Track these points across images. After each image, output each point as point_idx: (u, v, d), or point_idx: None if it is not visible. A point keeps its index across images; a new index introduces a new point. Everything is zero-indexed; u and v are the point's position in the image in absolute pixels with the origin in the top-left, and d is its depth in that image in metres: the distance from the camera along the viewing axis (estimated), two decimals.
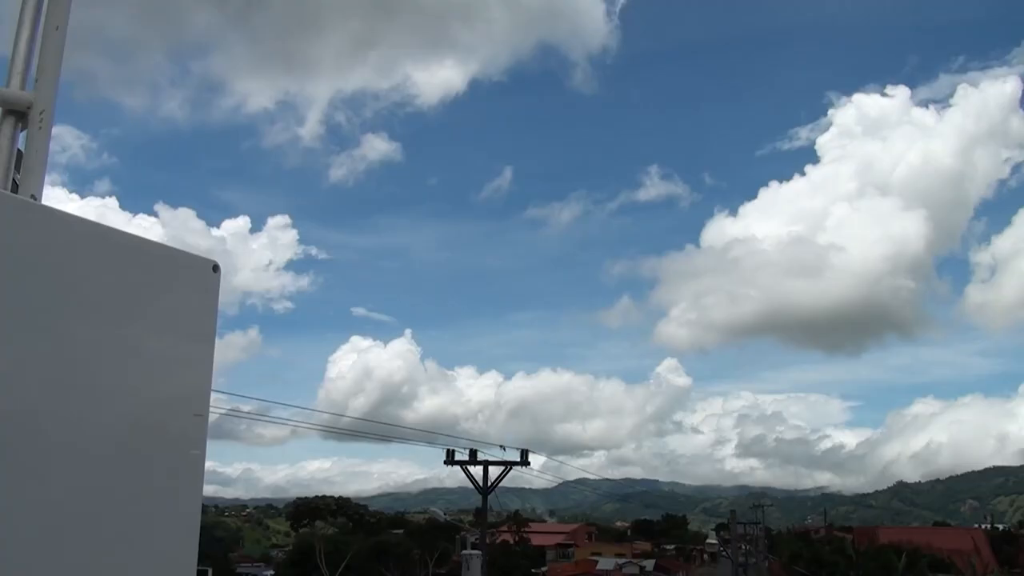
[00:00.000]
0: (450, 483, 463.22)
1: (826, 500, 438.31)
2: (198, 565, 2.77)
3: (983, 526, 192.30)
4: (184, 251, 2.85)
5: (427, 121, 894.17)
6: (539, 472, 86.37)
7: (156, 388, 2.69)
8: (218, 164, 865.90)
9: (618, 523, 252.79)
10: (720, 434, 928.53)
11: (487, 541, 50.31)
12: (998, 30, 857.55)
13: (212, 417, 3.08)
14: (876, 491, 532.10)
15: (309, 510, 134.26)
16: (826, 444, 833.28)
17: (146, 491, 2.62)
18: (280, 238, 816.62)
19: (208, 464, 2.86)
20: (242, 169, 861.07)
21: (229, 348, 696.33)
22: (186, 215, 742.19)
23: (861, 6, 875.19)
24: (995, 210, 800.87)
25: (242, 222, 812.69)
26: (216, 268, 2.91)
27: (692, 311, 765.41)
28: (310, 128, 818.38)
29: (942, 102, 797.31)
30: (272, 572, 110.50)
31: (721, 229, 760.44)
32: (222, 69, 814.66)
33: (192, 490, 2.77)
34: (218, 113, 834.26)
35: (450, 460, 43.31)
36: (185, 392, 2.78)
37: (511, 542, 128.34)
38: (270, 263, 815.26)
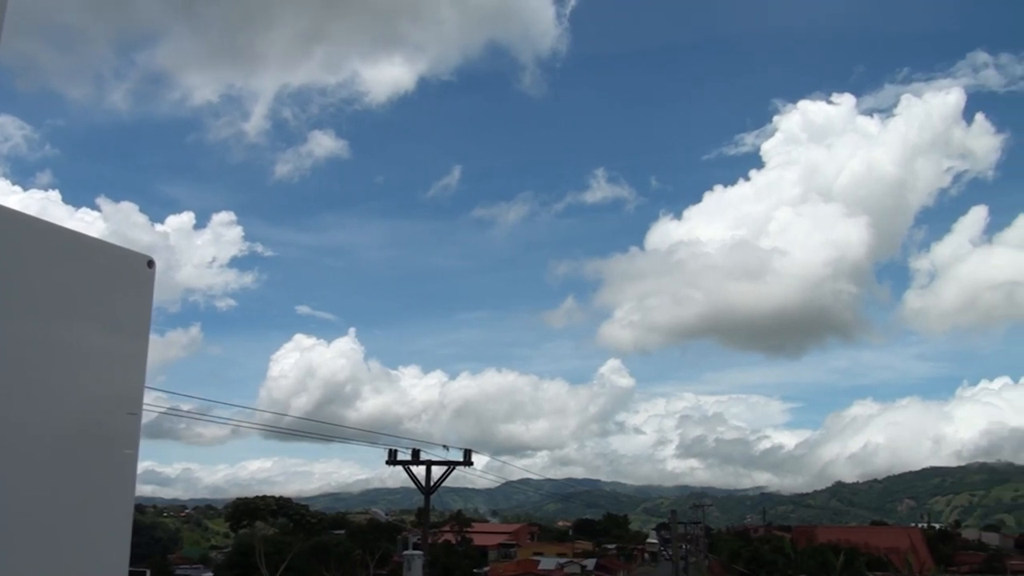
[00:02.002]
0: (392, 483, 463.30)
1: (765, 500, 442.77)
2: (137, 567, 2.71)
3: (920, 525, 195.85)
4: (118, 246, 2.78)
5: (375, 119, 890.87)
6: (482, 472, 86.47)
7: (88, 386, 2.62)
8: (162, 158, 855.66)
9: (560, 523, 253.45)
10: (662, 435, 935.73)
11: (429, 541, 50.23)
12: (943, 43, 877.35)
13: (150, 416, 3.03)
14: (815, 491, 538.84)
15: (249, 510, 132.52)
16: (766, 444, 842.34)
17: (77, 491, 2.56)
18: (224, 235, 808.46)
19: (147, 464, 2.80)
20: (187, 164, 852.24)
21: (170, 346, 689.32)
22: (129, 209, 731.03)
23: (809, 16, 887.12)
24: (935, 218, 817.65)
25: (186, 218, 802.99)
26: (151, 264, 2.85)
27: (636, 313, 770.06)
28: (256, 123, 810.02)
29: (886, 111, 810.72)
30: (211, 574, 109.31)
31: (666, 232, 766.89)
32: (167, 61, 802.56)
33: (125, 490, 2.70)
34: (163, 106, 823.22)
35: (392, 460, 43.08)
36: (118, 390, 2.71)
37: (453, 542, 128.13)
38: (214, 260, 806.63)
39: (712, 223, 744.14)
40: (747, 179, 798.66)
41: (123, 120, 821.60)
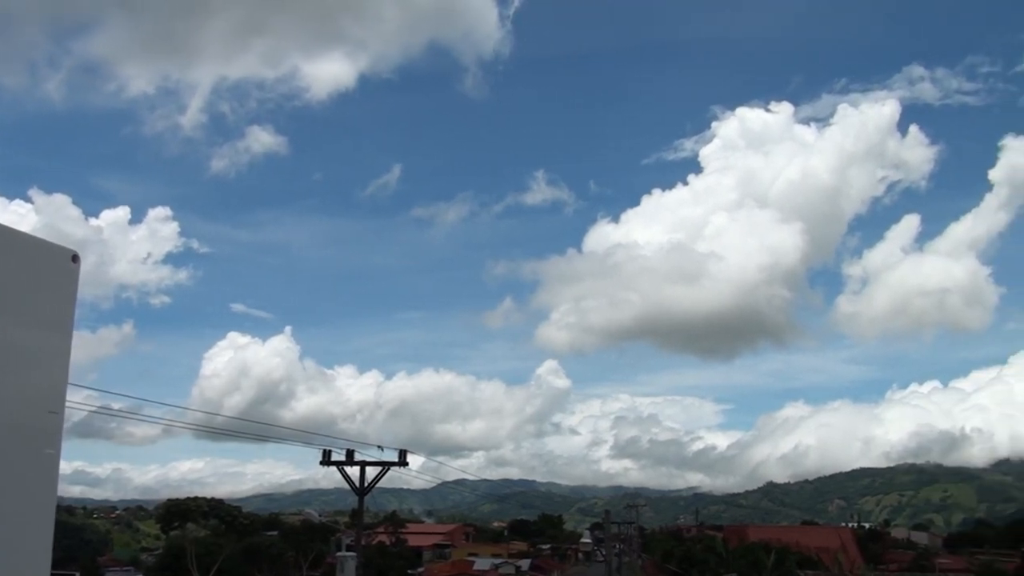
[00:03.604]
0: (326, 484, 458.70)
1: (698, 500, 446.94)
2: (66, 570, 2.63)
3: (850, 525, 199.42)
4: (41, 239, 2.70)
5: (314, 115, 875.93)
6: (417, 473, 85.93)
7: (7, 383, 2.55)
8: (97, 150, 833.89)
9: (496, 523, 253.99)
10: (597, 435, 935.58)
11: (363, 543, 49.98)
12: (880, 56, 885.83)
13: (80, 415, 2.95)
14: (747, 491, 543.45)
15: (180, 512, 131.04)
16: (699, 445, 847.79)
17: None
18: (160, 230, 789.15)
19: (76, 464, 2.72)
20: (122, 157, 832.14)
21: (102, 343, 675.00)
22: (62, 202, 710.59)
23: (749, 25, 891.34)
24: (868, 226, 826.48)
25: (121, 212, 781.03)
26: (76, 258, 2.76)
27: (573, 314, 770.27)
28: (192, 116, 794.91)
29: (823, 121, 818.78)
30: None
31: (603, 235, 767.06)
32: (103, 50, 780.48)
33: (46, 490, 2.62)
34: (98, 96, 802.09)
35: (326, 461, 42.77)
36: (39, 388, 2.63)
37: (387, 543, 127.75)
38: (148, 255, 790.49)
39: (650, 226, 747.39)
40: (685, 184, 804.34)
41: (57, 110, 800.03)
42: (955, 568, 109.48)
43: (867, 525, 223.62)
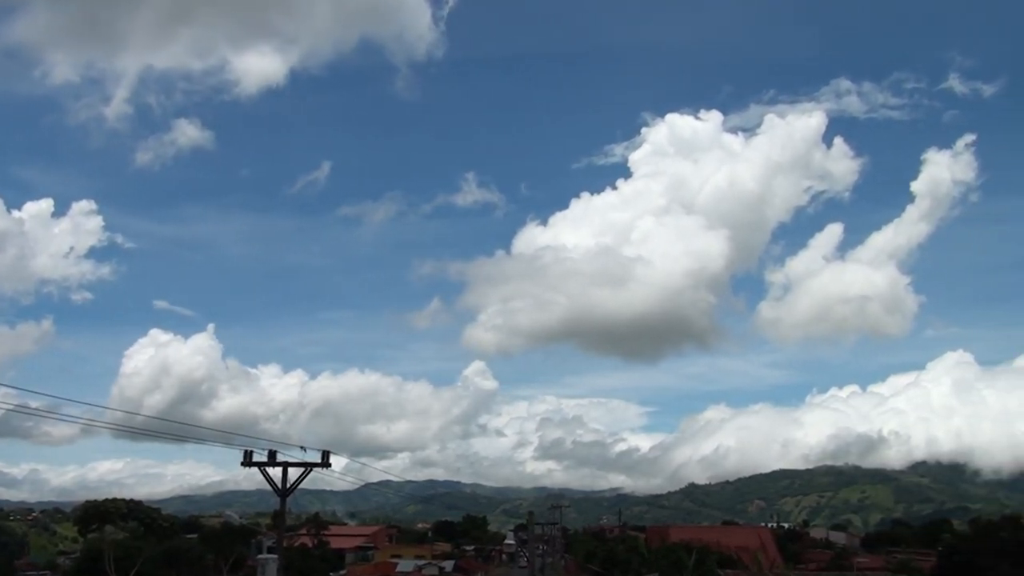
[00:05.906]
0: (247, 485, 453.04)
1: (621, 500, 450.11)
2: None
3: (770, 525, 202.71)
4: None
5: (242, 109, 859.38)
6: (340, 474, 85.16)
7: None
8: (19, 140, 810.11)
9: (420, 525, 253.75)
10: (522, 437, 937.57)
11: (284, 545, 49.60)
12: (809, 69, 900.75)
13: None
14: (668, 492, 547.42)
15: (98, 514, 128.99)
16: (622, 447, 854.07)
17: None
18: (84, 224, 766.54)
19: None
20: (46, 147, 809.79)
21: (20, 339, 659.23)
22: None
23: (681, 33, 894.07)
24: (792, 234, 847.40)
25: (44, 205, 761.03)
26: None
27: (500, 316, 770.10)
28: (117, 107, 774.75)
29: (751, 130, 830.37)
30: None
31: (532, 237, 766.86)
32: (26, 35, 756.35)
33: None
34: (21, 84, 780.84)
35: (248, 461, 42.32)
36: None
37: (310, 545, 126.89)
38: (71, 250, 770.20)
39: (578, 230, 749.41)
40: (614, 188, 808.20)
41: None
42: (872, 567, 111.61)
43: (786, 525, 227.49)
